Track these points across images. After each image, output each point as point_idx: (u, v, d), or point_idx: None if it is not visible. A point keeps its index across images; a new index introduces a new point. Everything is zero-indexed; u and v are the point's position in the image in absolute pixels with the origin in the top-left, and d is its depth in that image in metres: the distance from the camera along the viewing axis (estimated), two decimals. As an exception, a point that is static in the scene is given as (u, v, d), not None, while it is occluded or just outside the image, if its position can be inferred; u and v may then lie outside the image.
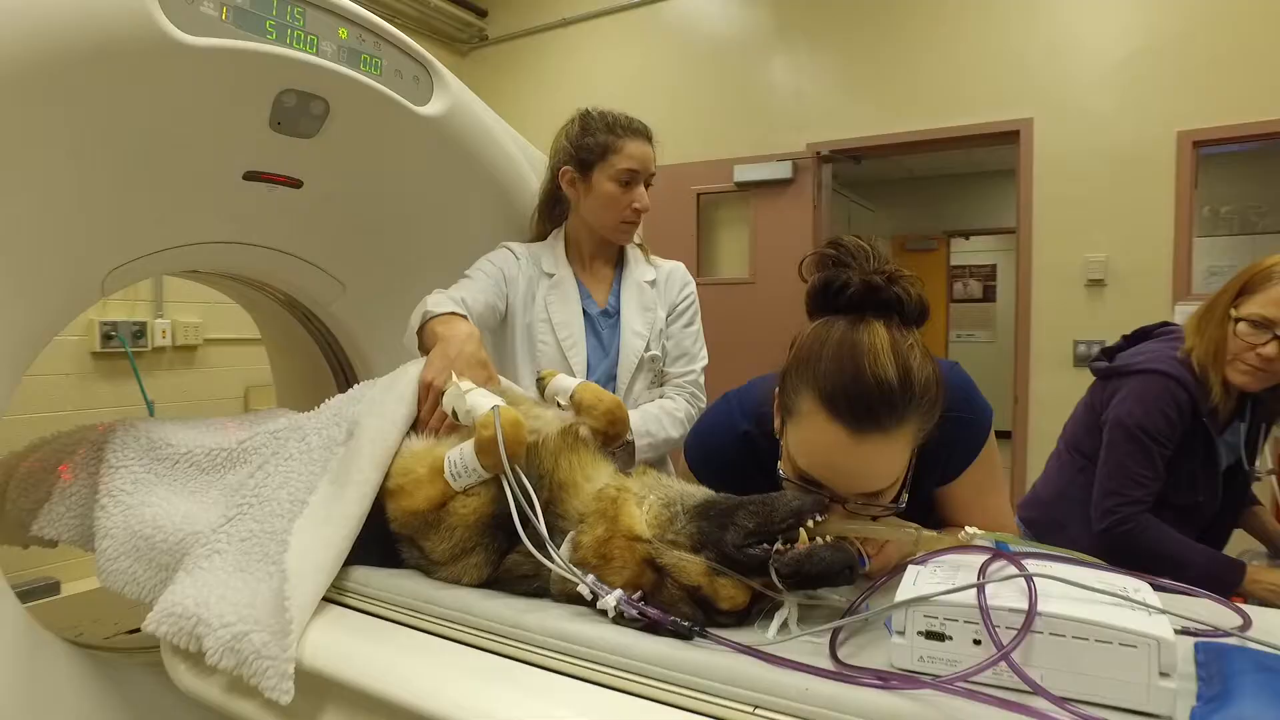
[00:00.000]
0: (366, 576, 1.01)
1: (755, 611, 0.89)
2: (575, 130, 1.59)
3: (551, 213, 1.70)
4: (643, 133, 1.58)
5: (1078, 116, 3.51)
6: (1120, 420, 1.62)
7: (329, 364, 1.89)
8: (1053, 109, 3.55)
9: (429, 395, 1.14)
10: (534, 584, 0.98)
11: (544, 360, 1.57)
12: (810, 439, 0.92)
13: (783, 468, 0.98)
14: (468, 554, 1.01)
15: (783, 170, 4.06)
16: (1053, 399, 3.44)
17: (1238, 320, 1.55)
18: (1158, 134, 3.35)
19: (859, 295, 0.93)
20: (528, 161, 1.77)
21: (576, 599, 0.91)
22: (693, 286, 1.71)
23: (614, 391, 1.55)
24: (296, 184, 1.48)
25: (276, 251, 1.57)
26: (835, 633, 0.81)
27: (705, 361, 1.68)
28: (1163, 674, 0.67)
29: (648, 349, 1.60)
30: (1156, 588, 0.87)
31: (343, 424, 1.18)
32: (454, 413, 1.07)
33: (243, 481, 1.24)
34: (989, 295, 8.35)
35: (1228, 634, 0.79)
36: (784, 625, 0.85)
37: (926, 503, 1.12)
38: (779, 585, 0.85)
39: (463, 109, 1.59)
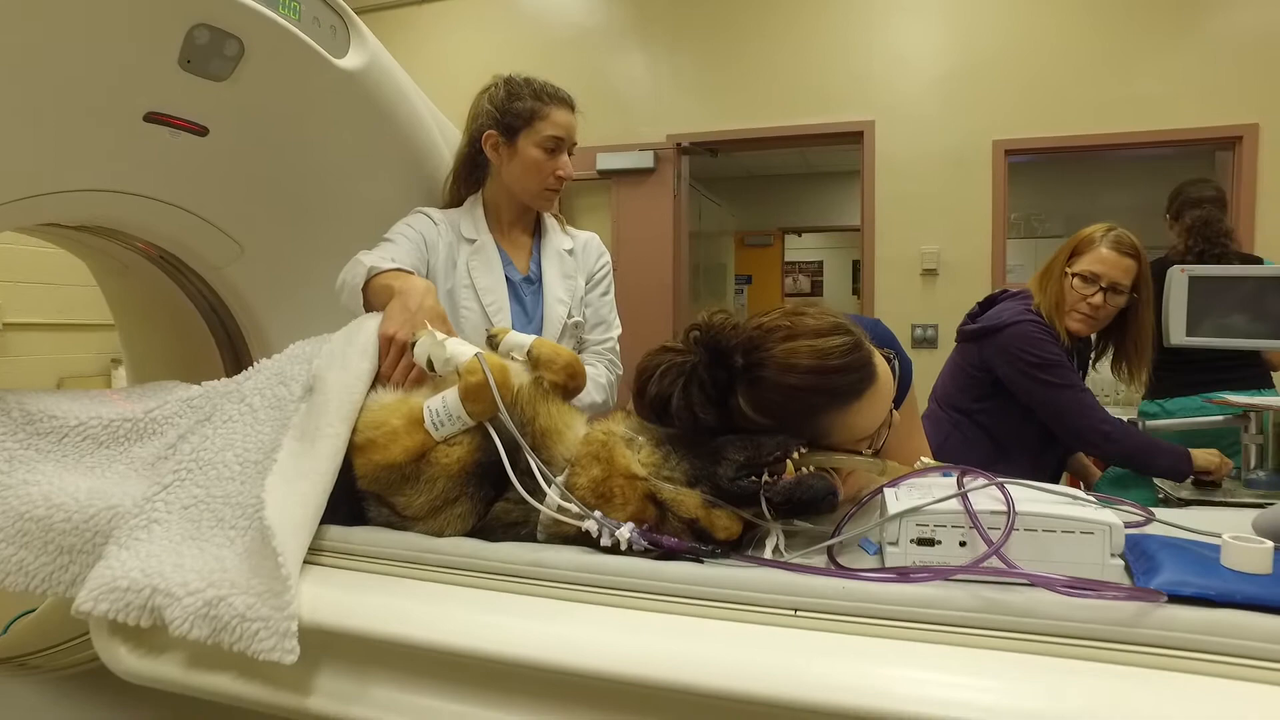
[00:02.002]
0: (344, 534, 0.96)
1: (745, 541, 0.95)
2: (500, 95, 1.57)
3: (469, 178, 1.67)
4: (568, 101, 1.60)
5: (911, 121, 3.89)
6: (1025, 369, 1.86)
7: (214, 335, 1.74)
8: (891, 113, 3.91)
9: (390, 348, 1.10)
10: (522, 531, 0.98)
11: (468, 327, 1.54)
12: (857, 424, 1.01)
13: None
14: (451, 505, 0.99)
15: (645, 160, 4.17)
16: (920, 370, 3.81)
17: (1073, 276, 1.87)
18: (977, 141, 3.78)
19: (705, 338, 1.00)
20: (438, 127, 1.73)
21: (569, 540, 0.93)
22: (608, 256, 1.75)
23: (539, 358, 1.56)
24: (202, 131, 1.36)
25: (169, 205, 1.43)
26: (830, 549, 0.88)
27: (620, 329, 1.72)
28: (1113, 555, 0.80)
29: (570, 315, 1.61)
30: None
31: (290, 382, 1.11)
32: (429, 363, 1.05)
33: (164, 452, 1.14)
34: (816, 290, 8.97)
35: (1145, 522, 0.94)
36: (776, 549, 0.92)
37: None
38: (767, 514, 0.91)
39: (380, 66, 1.53)
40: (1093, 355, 2.05)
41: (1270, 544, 0.78)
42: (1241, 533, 0.82)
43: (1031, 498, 0.86)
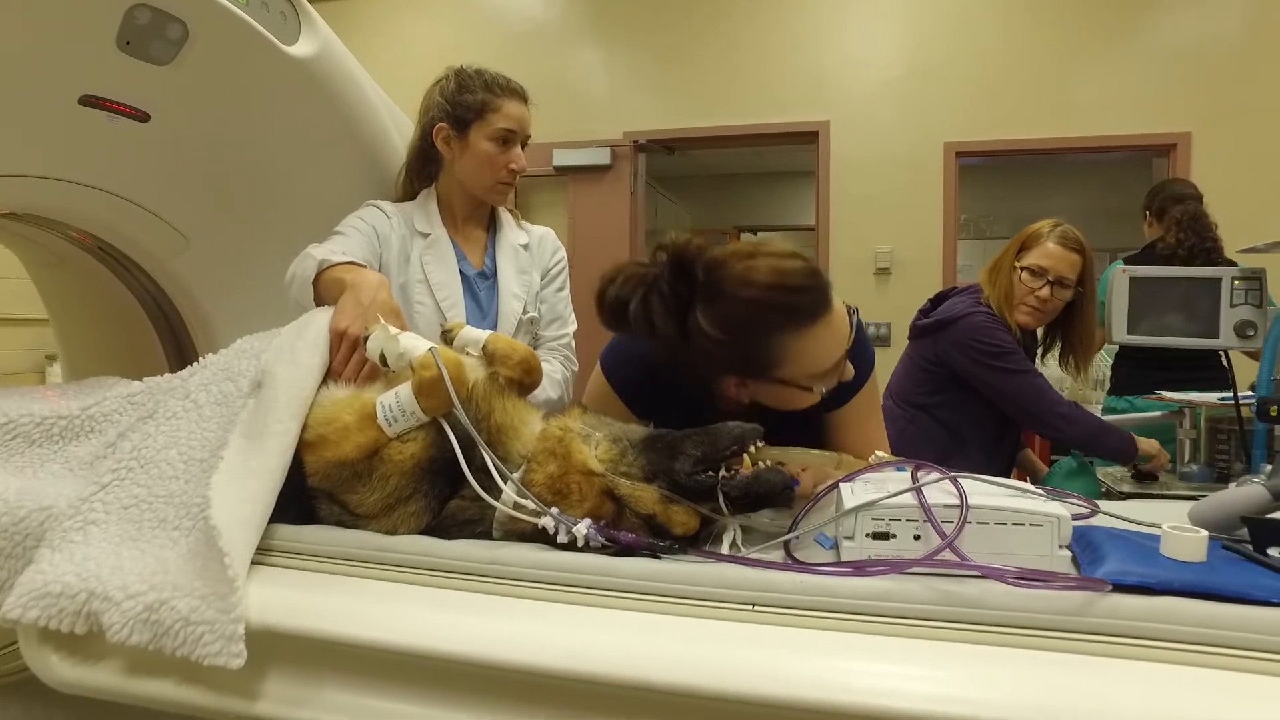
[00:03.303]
0: (294, 533, 0.94)
1: (702, 536, 0.95)
2: (451, 87, 1.54)
3: (422, 172, 1.64)
4: (520, 93, 1.57)
5: (865, 123, 3.96)
6: (980, 359, 1.90)
7: (157, 330, 1.68)
8: (845, 115, 3.97)
9: (342, 343, 1.07)
10: (478, 528, 0.97)
11: (421, 322, 1.51)
12: (816, 352, 1.04)
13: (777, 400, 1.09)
14: (404, 502, 0.97)
15: (601, 156, 4.16)
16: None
17: (1021, 270, 1.93)
18: (929, 143, 3.86)
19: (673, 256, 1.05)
20: (391, 119, 1.69)
21: (526, 538, 0.92)
22: (563, 252, 1.74)
23: (493, 354, 1.54)
24: (143, 117, 1.31)
25: (109, 194, 1.38)
26: (787, 544, 0.89)
27: (575, 326, 1.71)
28: (1061, 546, 0.82)
29: (525, 311, 1.60)
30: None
31: (238, 378, 1.07)
32: (382, 358, 1.02)
33: (103, 451, 1.09)
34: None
35: (1090, 514, 0.97)
36: (733, 544, 0.93)
37: (819, 429, 1.25)
38: (725, 509, 0.92)
39: (332, 54, 1.49)
40: (1040, 349, 2.10)
41: (1204, 533, 0.81)
42: (1179, 523, 0.85)
43: (983, 491, 0.88)
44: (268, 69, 1.39)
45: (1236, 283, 1.79)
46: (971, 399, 1.94)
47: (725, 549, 0.90)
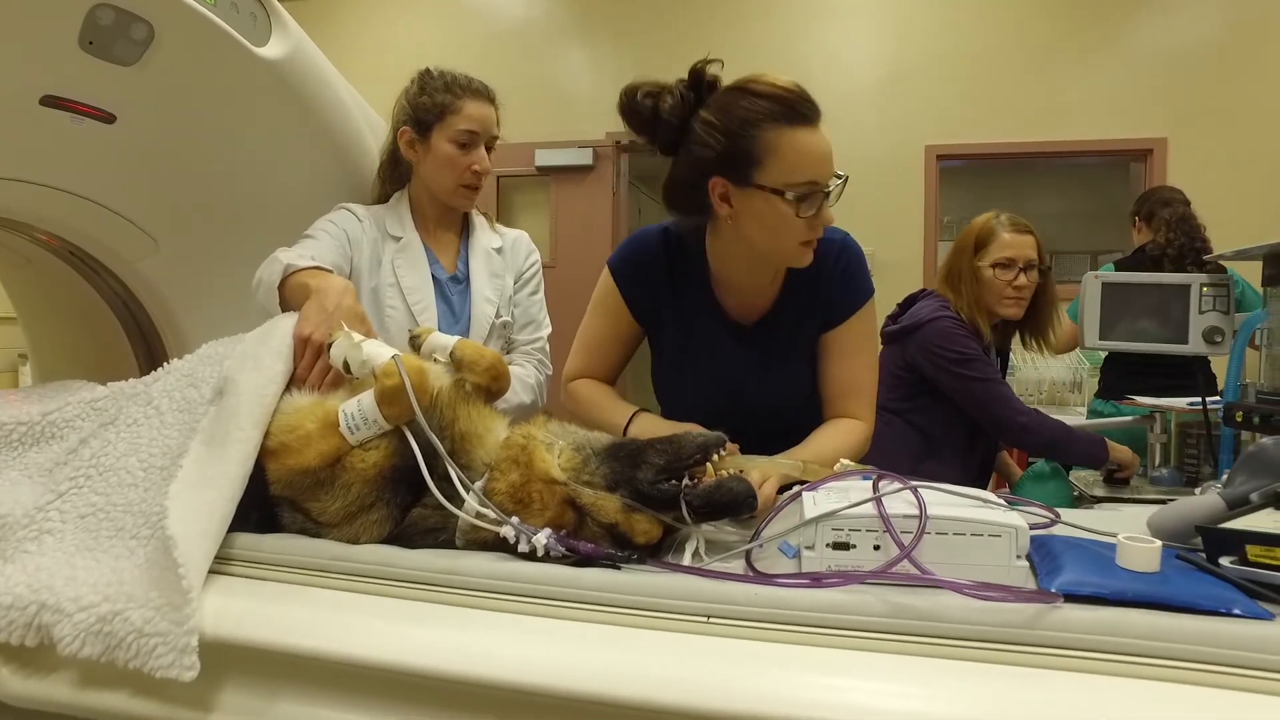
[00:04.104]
0: (253, 542, 0.93)
1: (665, 545, 0.95)
2: (414, 90, 1.54)
3: (393, 175, 1.64)
4: (483, 93, 1.55)
5: (846, 125, 3.97)
6: (945, 365, 1.91)
7: (127, 332, 1.66)
8: (826, 117, 3.96)
9: (306, 350, 1.06)
10: (440, 537, 0.96)
11: (393, 326, 1.51)
12: (798, 152, 1.12)
13: (751, 219, 1.17)
14: (366, 511, 0.97)
15: (584, 157, 4.15)
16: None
17: (988, 267, 1.93)
18: (909, 147, 3.88)
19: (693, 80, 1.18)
20: (366, 122, 1.68)
21: (488, 546, 0.92)
22: (537, 255, 1.73)
23: (466, 358, 1.54)
24: (108, 118, 1.30)
25: (74, 196, 1.36)
26: (748, 554, 0.89)
27: (549, 329, 1.71)
28: (1018, 556, 0.83)
29: (498, 315, 1.59)
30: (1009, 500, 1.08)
31: (201, 384, 1.06)
32: (345, 365, 1.02)
33: (63, 458, 1.08)
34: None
35: (1052, 523, 0.98)
36: (696, 553, 0.93)
37: (813, 351, 1.32)
38: (687, 518, 0.92)
39: (303, 56, 1.48)
40: (1016, 333, 2.11)
41: (1158, 544, 0.82)
42: (1137, 533, 0.85)
43: (943, 501, 0.88)
44: (237, 70, 1.37)
45: (1205, 289, 1.81)
46: (943, 403, 1.95)
47: (687, 558, 0.90)
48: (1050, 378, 3.49)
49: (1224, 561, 0.82)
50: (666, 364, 1.39)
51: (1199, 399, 1.92)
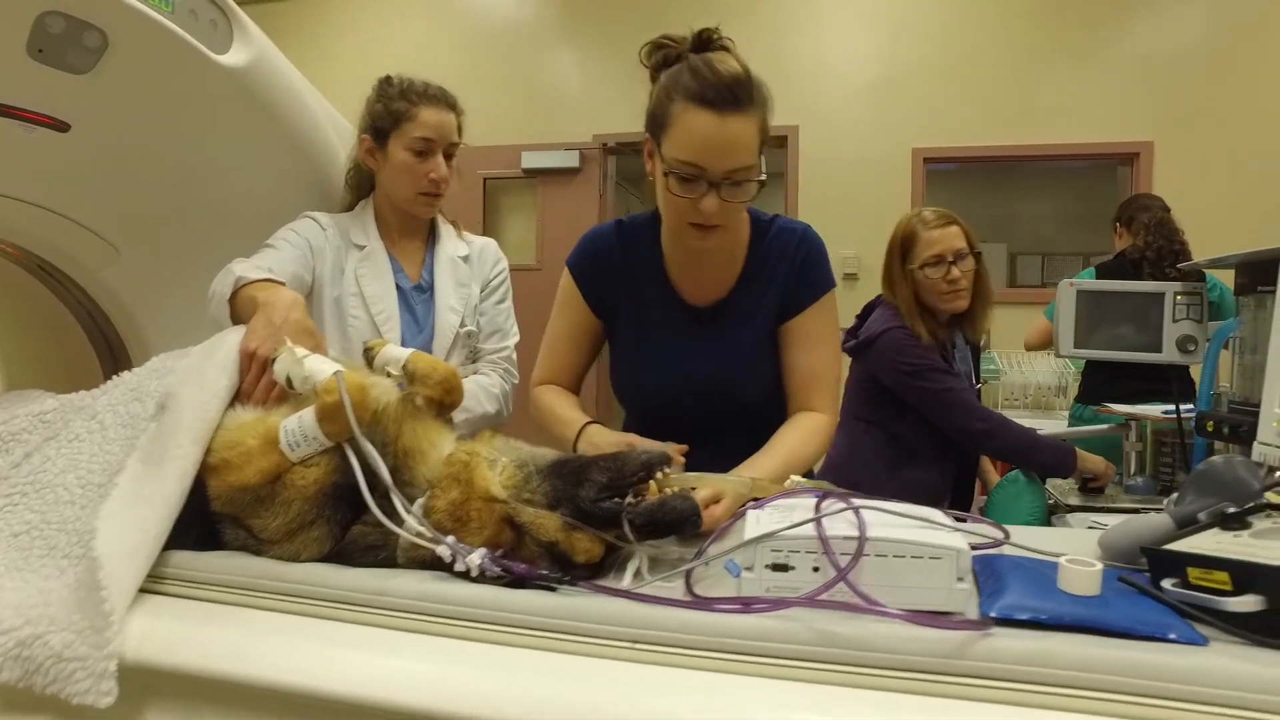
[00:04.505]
0: (189, 560, 0.92)
1: (608, 564, 0.94)
2: (372, 97, 1.53)
3: (359, 183, 1.63)
4: (441, 99, 1.54)
5: (834, 128, 3.96)
6: (901, 377, 1.90)
7: (92, 341, 1.65)
8: (815, 119, 3.97)
9: (252, 365, 1.05)
10: (381, 554, 0.95)
11: (356, 336, 1.50)
12: (689, 131, 1.13)
13: (660, 184, 1.21)
14: (307, 528, 0.96)
15: (570, 159, 4.14)
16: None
17: (919, 269, 1.92)
18: (897, 149, 3.87)
19: (695, 41, 1.20)
20: (334, 130, 1.67)
21: (428, 564, 0.91)
22: (505, 263, 1.72)
23: (430, 368, 1.52)
24: (62, 127, 1.28)
25: (30, 205, 1.35)
26: (688, 574, 0.88)
27: (517, 338, 1.70)
28: (959, 578, 0.82)
29: (463, 324, 1.58)
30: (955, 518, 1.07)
31: (146, 399, 1.05)
32: (289, 380, 1.01)
33: (5, 472, 1.07)
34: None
35: (999, 543, 0.96)
36: (638, 573, 0.91)
37: (774, 340, 1.32)
38: (630, 536, 0.91)
39: (267, 64, 1.47)
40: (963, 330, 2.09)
41: (1099, 567, 0.81)
42: (1080, 555, 0.84)
43: (885, 523, 0.87)
44: (196, 78, 1.36)
45: (1179, 297, 1.80)
46: (912, 411, 1.95)
47: (628, 578, 0.89)
48: (1035, 382, 3.48)
49: (1166, 584, 0.81)
50: (624, 356, 1.39)
51: (1174, 407, 1.91)
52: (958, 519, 1.06)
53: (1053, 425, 3.21)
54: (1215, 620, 0.75)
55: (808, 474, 1.25)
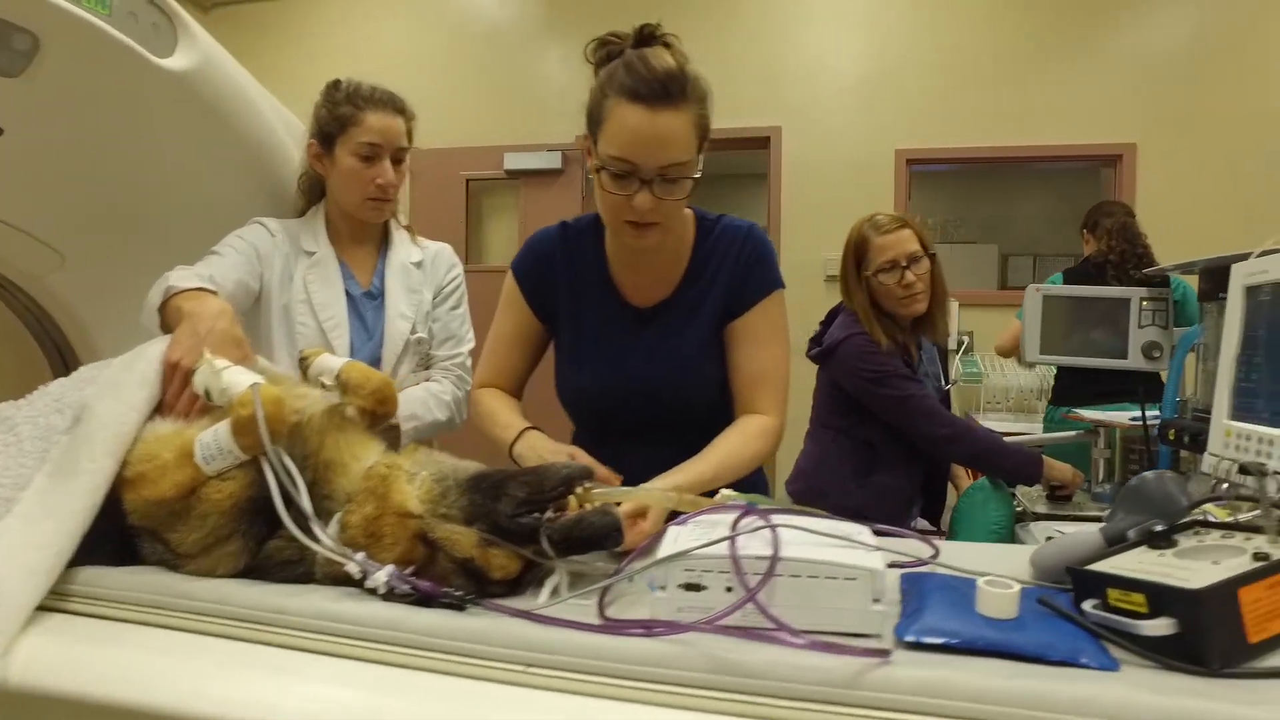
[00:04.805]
0: (97, 576, 0.90)
1: (527, 580, 0.92)
2: (320, 103, 1.51)
3: (310, 189, 1.61)
4: (388, 104, 1.51)
5: (818, 130, 3.94)
6: (862, 385, 1.88)
7: (43, 348, 1.63)
8: (798, 120, 3.95)
9: (175, 376, 1.04)
10: (299, 569, 0.94)
11: (303, 343, 1.48)
12: (620, 127, 1.11)
13: (596, 181, 1.19)
14: (223, 543, 0.94)
15: (552, 160, 4.11)
16: (798, 384, 3.84)
17: (873, 276, 1.89)
18: (881, 150, 3.84)
19: (636, 36, 1.19)
20: (289, 133, 1.65)
21: (344, 580, 0.89)
22: (460, 268, 1.69)
23: (379, 375, 1.51)
24: (-6, 131, 1.26)
25: (-33, 211, 1.33)
26: (604, 592, 0.86)
27: (472, 344, 1.67)
28: (875, 600, 0.80)
29: (414, 331, 1.56)
30: (877, 532, 1.05)
31: (66, 410, 1.03)
32: (207, 393, 0.99)
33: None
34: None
35: (923, 562, 0.94)
36: (555, 590, 0.90)
37: (720, 340, 1.30)
38: (550, 552, 0.89)
39: (213, 67, 1.44)
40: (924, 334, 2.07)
41: (1016, 589, 0.79)
42: (1001, 576, 0.82)
43: (803, 541, 0.85)
44: (138, 81, 1.34)
45: (1145, 303, 1.78)
46: (877, 417, 1.93)
47: (545, 594, 0.88)
48: (1018, 385, 3.46)
49: (1086, 605, 0.79)
50: (566, 359, 1.36)
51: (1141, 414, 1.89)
52: (888, 534, 1.05)
53: (1034, 428, 3.20)
54: (1129, 644, 0.73)
55: (745, 482, 1.22)
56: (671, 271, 1.31)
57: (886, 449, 1.93)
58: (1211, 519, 1.00)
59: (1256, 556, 0.78)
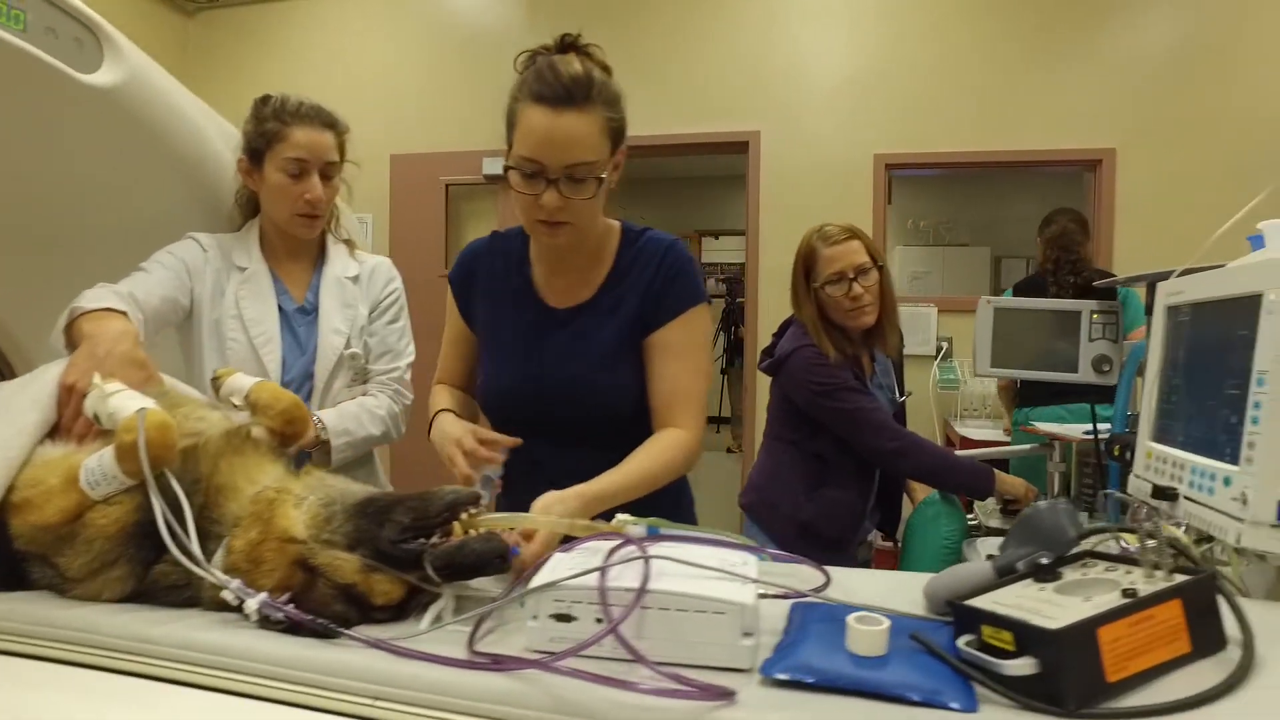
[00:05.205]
0: (-31, 603, 0.90)
1: (413, 605, 0.91)
2: (248, 118, 1.50)
3: (247, 203, 1.60)
4: (315, 118, 1.50)
5: (797, 133, 3.92)
6: (811, 398, 1.86)
7: (-20, 365, 1.63)
8: (777, 124, 3.93)
9: (70, 399, 1.03)
10: (186, 594, 0.93)
11: (235, 359, 1.47)
12: (528, 128, 1.17)
13: (508, 179, 1.22)
14: (109, 567, 0.94)
15: (535, 165, 4.10)
16: (762, 398, 3.84)
17: (822, 288, 1.88)
18: (860, 155, 3.82)
19: (558, 45, 1.25)
20: (227, 145, 1.65)
21: (223, 608, 0.89)
22: (398, 283, 1.68)
23: (311, 390, 1.50)
24: (-90, 149, 1.26)
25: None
26: (479, 621, 0.85)
27: (411, 358, 1.66)
28: (745, 634, 0.79)
29: (348, 346, 1.55)
30: (777, 558, 1.04)
31: (-42, 432, 1.03)
32: (96, 417, 0.99)
33: None
34: (736, 291, 9.01)
35: (802, 595, 0.93)
36: (439, 617, 0.89)
37: (637, 348, 1.31)
38: (435, 578, 0.88)
39: (142, 82, 1.44)
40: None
41: (886, 625, 0.77)
42: (872, 611, 0.81)
43: (680, 572, 0.84)
44: (59, 98, 1.33)
45: (1095, 316, 1.76)
46: (828, 430, 1.91)
47: (427, 620, 0.87)
48: (995, 392, 3.43)
49: (960, 641, 0.78)
50: (486, 361, 1.39)
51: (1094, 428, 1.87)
52: (783, 560, 1.04)
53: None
54: (995, 684, 0.72)
55: (663, 502, 1.21)
56: (592, 275, 1.33)
57: (836, 462, 1.92)
58: (1124, 547, 0.99)
59: (1125, 593, 0.77)
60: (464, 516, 0.92)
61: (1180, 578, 0.79)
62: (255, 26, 4.45)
